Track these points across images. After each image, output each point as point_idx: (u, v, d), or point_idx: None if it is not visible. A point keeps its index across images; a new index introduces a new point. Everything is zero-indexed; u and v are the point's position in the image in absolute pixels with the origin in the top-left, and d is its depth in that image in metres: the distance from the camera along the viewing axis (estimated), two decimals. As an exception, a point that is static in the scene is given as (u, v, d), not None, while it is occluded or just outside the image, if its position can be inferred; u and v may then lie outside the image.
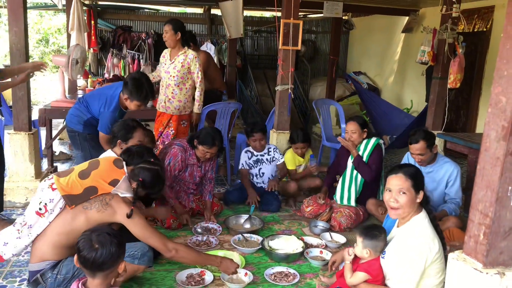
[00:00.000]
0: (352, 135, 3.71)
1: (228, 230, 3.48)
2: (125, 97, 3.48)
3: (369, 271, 2.34)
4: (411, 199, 2.24)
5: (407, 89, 8.09)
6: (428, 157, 3.39)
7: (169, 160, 3.53)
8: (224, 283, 2.68)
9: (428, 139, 3.34)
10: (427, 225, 2.25)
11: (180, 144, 3.62)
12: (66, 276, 2.28)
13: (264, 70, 9.35)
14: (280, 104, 4.44)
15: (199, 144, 3.55)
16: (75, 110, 3.64)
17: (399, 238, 2.30)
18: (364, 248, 2.36)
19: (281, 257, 3.04)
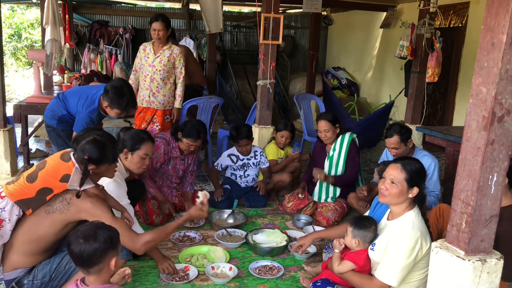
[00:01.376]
0: (326, 134, 3.72)
1: (211, 225, 3.47)
2: (105, 105, 3.41)
3: (356, 261, 2.35)
4: (401, 192, 2.22)
5: (386, 84, 8.21)
6: (403, 151, 3.43)
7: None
8: (209, 277, 2.67)
9: (402, 133, 3.39)
10: (419, 221, 2.24)
11: (162, 137, 3.58)
12: (44, 280, 2.22)
13: (244, 66, 9.31)
14: (262, 99, 4.44)
15: (184, 137, 3.52)
16: (52, 104, 3.58)
17: (390, 232, 2.28)
18: (353, 238, 2.36)
19: (265, 251, 3.04)
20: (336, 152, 3.71)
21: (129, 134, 2.95)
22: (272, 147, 4.26)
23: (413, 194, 2.22)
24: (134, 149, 2.90)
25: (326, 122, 3.70)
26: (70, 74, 6.40)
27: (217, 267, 2.78)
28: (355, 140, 3.77)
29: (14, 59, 12.55)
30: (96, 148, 2.24)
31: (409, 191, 2.22)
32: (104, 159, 2.28)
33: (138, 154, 2.91)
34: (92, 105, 3.42)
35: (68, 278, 2.23)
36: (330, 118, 3.72)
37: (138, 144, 2.91)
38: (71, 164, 2.24)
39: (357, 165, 3.72)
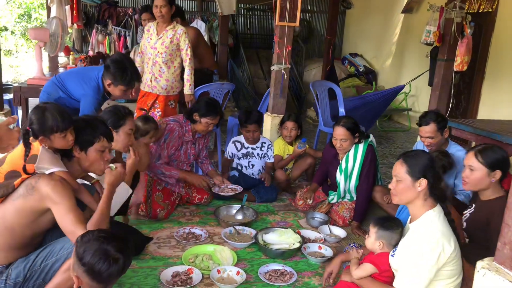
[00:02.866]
0: (341, 144, 3.22)
1: (218, 221, 3.21)
2: (108, 83, 3.16)
3: (377, 264, 2.12)
4: (406, 187, 2.01)
5: (405, 73, 7.81)
6: (438, 141, 3.17)
7: (164, 136, 3.24)
8: (214, 282, 2.41)
9: (439, 121, 3.14)
10: (441, 221, 1.98)
11: (175, 120, 3.34)
12: (17, 280, 1.97)
13: (257, 50, 8.96)
14: (276, 86, 4.13)
15: (202, 116, 3.29)
16: (47, 87, 3.34)
17: (409, 236, 2.05)
18: (378, 240, 2.14)
19: (276, 253, 2.78)
20: (350, 164, 3.31)
21: (108, 113, 2.63)
22: (279, 142, 3.91)
23: (421, 186, 1.97)
24: (118, 125, 2.61)
25: (345, 130, 3.20)
26: (76, 56, 6.14)
27: (223, 270, 2.53)
28: (372, 144, 3.37)
29: (24, 39, 12.33)
30: (37, 116, 1.99)
31: (415, 184, 1.98)
32: (46, 129, 1.97)
33: (123, 130, 2.63)
34: (97, 87, 3.20)
35: (46, 277, 1.98)
36: (350, 126, 3.20)
37: (122, 119, 2.62)
38: (38, 144, 2.01)
39: (372, 177, 3.32)
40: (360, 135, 3.29)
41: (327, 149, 3.53)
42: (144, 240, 2.75)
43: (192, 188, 3.50)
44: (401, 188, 2.03)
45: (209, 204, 3.56)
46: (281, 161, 3.86)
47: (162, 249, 2.81)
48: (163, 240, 2.93)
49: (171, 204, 3.34)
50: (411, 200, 2.03)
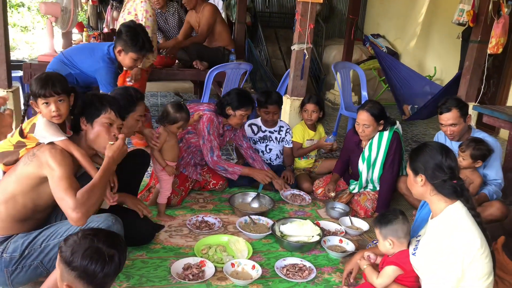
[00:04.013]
0: (364, 129, 3.01)
1: (233, 209, 3.04)
2: (118, 49, 3.02)
3: (399, 264, 1.94)
4: (411, 182, 1.97)
5: (431, 55, 7.47)
6: (461, 128, 2.95)
7: (207, 127, 3.08)
8: (227, 277, 2.26)
9: (461, 107, 2.92)
10: (463, 216, 1.82)
11: (209, 109, 3.16)
12: (13, 255, 1.86)
13: (276, 30, 8.68)
14: (296, 66, 3.90)
15: (236, 109, 3.11)
16: (53, 64, 3.16)
17: (430, 232, 1.89)
18: (385, 239, 1.99)
19: (294, 246, 2.61)
20: (374, 152, 3.09)
21: (118, 95, 2.39)
22: (298, 128, 3.66)
23: (422, 182, 1.89)
24: (128, 111, 2.42)
25: (369, 115, 2.97)
26: (89, 33, 5.97)
27: (237, 264, 2.37)
28: (398, 132, 3.14)
29: (40, 16, 12.22)
30: (37, 79, 1.93)
31: (416, 180, 1.91)
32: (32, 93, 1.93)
33: (132, 116, 2.46)
34: (109, 57, 3.07)
35: (45, 259, 1.88)
36: (376, 112, 2.98)
37: (133, 105, 2.45)
38: (38, 112, 1.98)
39: (397, 166, 3.11)
40: (386, 123, 3.07)
41: (349, 136, 3.32)
42: (154, 228, 2.61)
43: (209, 174, 3.34)
44: (409, 182, 1.99)
45: (224, 191, 3.40)
46: (300, 148, 3.66)
47: (173, 238, 2.66)
48: (175, 228, 2.79)
49: (185, 190, 3.19)
50: (421, 195, 1.94)
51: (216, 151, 3.13)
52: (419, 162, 1.90)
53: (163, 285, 2.21)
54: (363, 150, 3.16)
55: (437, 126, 6.39)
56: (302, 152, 3.66)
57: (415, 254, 1.93)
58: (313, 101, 3.55)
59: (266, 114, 3.49)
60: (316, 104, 3.55)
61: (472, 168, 2.90)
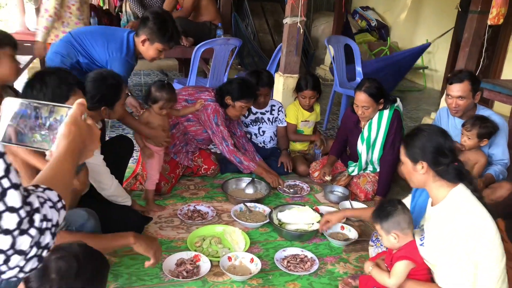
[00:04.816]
0: (364, 111, 2.84)
1: (227, 196, 2.86)
2: (143, 39, 2.63)
3: (410, 257, 1.78)
4: (409, 171, 1.82)
5: (422, 27, 7.27)
6: (468, 104, 2.78)
7: (214, 120, 2.89)
8: (224, 273, 2.10)
9: (473, 81, 2.74)
10: (470, 198, 1.69)
11: (212, 100, 2.93)
12: None
13: (262, 3, 8.33)
14: (289, 41, 3.66)
15: (236, 100, 2.89)
16: (60, 47, 2.70)
17: (437, 220, 1.75)
18: (388, 234, 1.83)
19: (294, 235, 2.45)
20: (373, 132, 2.92)
21: (96, 86, 2.10)
22: (291, 108, 3.45)
23: (423, 170, 1.74)
24: (114, 102, 2.18)
25: (367, 97, 2.80)
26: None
27: (235, 257, 2.20)
28: (399, 110, 2.96)
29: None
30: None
31: (416, 168, 1.76)
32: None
33: (119, 104, 2.21)
34: (126, 48, 2.68)
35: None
36: (374, 92, 2.79)
37: (117, 94, 2.19)
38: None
39: (398, 146, 2.92)
40: (386, 101, 2.88)
41: (347, 115, 3.13)
42: (142, 221, 2.42)
43: (200, 158, 3.14)
44: (406, 171, 1.84)
45: (216, 176, 3.21)
46: (295, 133, 3.47)
47: (164, 231, 2.48)
48: (165, 219, 2.60)
49: (176, 177, 3.00)
50: (423, 184, 1.79)
51: (229, 140, 2.94)
52: (416, 148, 1.75)
53: (155, 284, 2.04)
54: (362, 130, 2.99)
55: (431, 101, 6.34)
56: (298, 138, 3.49)
57: (423, 244, 1.79)
58: (311, 87, 3.31)
59: (257, 96, 3.26)
60: (314, 89, 3.33)
61: (476, 148, 2.76)
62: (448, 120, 3.00)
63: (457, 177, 1.72)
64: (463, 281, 1.62)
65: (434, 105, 6.01)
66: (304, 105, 3.40)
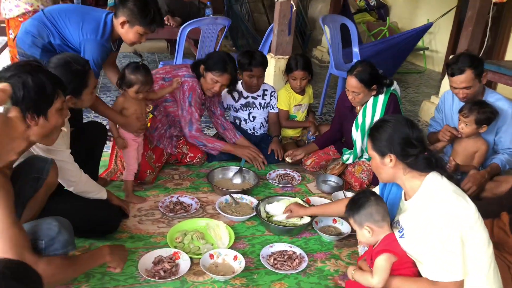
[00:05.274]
0: (354, 96, 2.66)
1: (213, 187, 2.69)
2: (122, 21, 2.42)
3: (390, 250, 1.65)
4: (377, 165, 1.73)
5: (422, 7, 7.01)
6: (476, 90, 2.60)
7: (188, 98, 2.69)
8: (205, 272, 1.93)
9: (475, 66, 2.53)
10: (445, 184, 1.59)
11: (190, 75, 2.73)
12: None
13: (257, -19, 8.04)
14: (281, 21, 3.44)
15: (207, 70, 2.69)
16: (31, 26, 2.50)
17: (414, 212, 1.64)
18: (362, 227, 1.71)
19: (282, 230, 2.29)
20: (368, 118, 2.73)
21: (59, 72, 1.84)
22: (283, 93, 3.25)
23: (392, 163, 1.65)
24: (81, 90, 1.98)
25: (358, 82, 2.60)
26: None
27: (217, 254, 2.04)
28: (396, 93, 2.76)
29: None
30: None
31: (384, 161, 1.67)
32: None
33: (87, 92, 2.01)
34: (105, 30, 2.47)
35: None
36: (365, 77, 2.60)
37: (83, 81, 1.98)
38: None
39: None
40: (379, 87, 2.69)
41: (341, 100, 2.94)
42: (118, 217, 2.25)
43: (185, 146, 2.96)
44: (374, 166, 1.76)
45: (202, 165, 3.03)
46: (288, 119, 3.28)
47: (143, 225, 2.31)
48: (145, 212, 2.43)
49: (160, 166, 2.82)
50: (392, 178, 1.71)
51: (195, 125, 2.76)
52: (383, 141, 1.67)
53: (130, 285, 1.88)
54: (356, 116, 2.80)
55: (432, 84, 6.13)
56: (290, 124, 3.30)
57: (403, 236, 1.66)
58: (301, 67, 3.11)
59: (250, 78, 3.06)
60: (305, 69, 3.12)
61: (475, 135, 2.58)
62: (452, 104, 2.82)
63: (428, 166, 1.62)
64: (449, 270, 1.49)
65: (435, 87, 5.80)
66: (295, 88, 3.20)
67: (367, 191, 1.81)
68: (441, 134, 2.71)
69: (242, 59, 3.04)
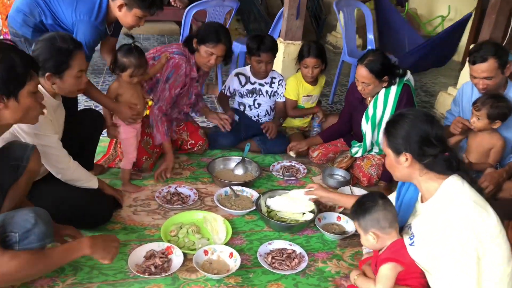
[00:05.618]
0: (364, 87, 2.51)
1: (212, 178, 2.58)
2: (120, 3, 2.27)
3: (395, 259, 1.53)
4: (391, 163, 1.58)
5: (444, -8, 6.70)
6: (497, 81, 2.42)
7: (169, 73, 2.53)
8: (198, 270, 1.83)
9: (499, 56, 2.35)
10: (466, 189, 1.43)
11: (179, 52, 2.58)
12: None
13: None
14: (291, 4, 3.27)
15: (200, 43, 2.53)
16: (25, 4, 2.36)
17: (428, 216, 1.50)
18: (366, 233, 1.58)
19: (282, 226, 2.17)
20: (379, 110, 2.57)
21: (44, 48, 1.79)
22: (292, 82, 3.07)
23: (407, 162, 1.50)
24: (62, 70, 1.83)
25: (368, 72, 2.44)
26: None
27: (212, 251, 1.94)
28: (409, 84, 2.59)
29: None
30: None
31: (399, 160, 1.53)
32: None
33: (69, 74, 1.85)
34: (99, 11, 2.33)
35: None
36: (376, 68, 2.44)
37: (66, 60, 1.83)
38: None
39: None
40: (391, 77, 2.52)
41: (352, 91, 2.78)
42: (110, 207, 2.15)
43: (186, 132, 2.85)
44: (388, 164, 1.62)
45: (204, 153, 2.92)
46: (295, 108, 3.13)
47: (138, 215, 2.22)
48: (141, 202, 2.34)
49: (159, 152, 2.72)
50: (407, 178, 1.58)
51: (161, 103, 2.55)
52: (399, 138, 1.51)
53: (119, 280, 1.79)
54: (367, 108, 2.65)
55: (450, 74, 5.88)
56: (297, 113, 3.15)
57: (413, 244, 1.52)
58: (313, 55, 2.92)
59: (258, 63, 2.89)
60: (317, 57, 2.95)
61: (489, 130, 2.41)
62: (471, 96, 2.63)
63: (448, 168, 1.47)
64: (462, 278, 1.35)
65: (453, 78, 5.56)
66: (306, 76, 3.03)
67: (375, 193, 1.66)
68: (453, 126, 2.55)
69: (251, 44, 2.88)
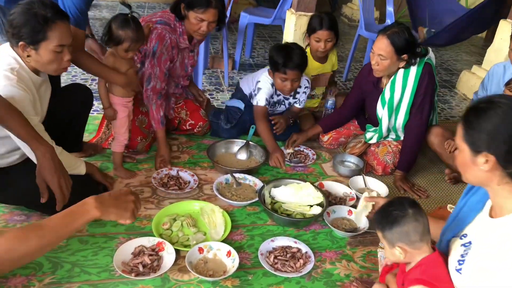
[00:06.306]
0: (380, 63, 2.24)
1: (213, 164, 2.36)
2: None
3: (427, 282, 1.27)
4: (464, 162, 1.23)
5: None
6: None
7: (154, 47, 2.25)
8: (190, 270, 1.64)
9: None
10: None
11: (162, 21, 2.28)
12: None
13: None
14: (304, -29, 2.96)
15: (188, 8, 2.24)
16: None
17: (497, 236, 1.18)
18: (392, 246, 1.33)
19: (287, 221, 1.96)
20: (397, 93, 2.31)
21: (20, 15, 1.57)
22: None
23: (488, 165, 1.16)
24: (37, 40, 1.60)
25: (389, 44, 2.18)
26: None
27: (208, 248, 1.74)
28: (431, 63, 2.32)
29: None
30: None
31: (476, 161, 1.18)
32: None
33: (46, 47, 1.62)
34: None
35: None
36: (399, 42, 2.17)
37: (41, 29, 1.59)
38: None
39: (428, 110, 2.33)
40: (411, 57, 2.24)
41: (365, 73, 2.49)
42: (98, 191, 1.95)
43: (185, 110, 2.61)
44: (460, 162, 1.26)
45: (205, 135, 2.70)
46: None
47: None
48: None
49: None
50: (481, 183, 1.25)
51: (153, 82, 2.28)
52: (483, 132, 1.15)
53: (102, 279, 1.61)
54: (383, 91, 2.38)
55: (471, 50, 5.52)
56: None
57: (460, 271, 1.24)
58: (326, 26, 2.60)
59: (283, 81, 2.44)
60: (330, 29, 2.63)
61: None
62: (503, 78, 2.36)
63: None
64: None
65: (476, 55, 5.23)
66: (317, 51, 2.71)
67: (404, 200, 1.36)
68: None
69: (276, 57, 2.41)
